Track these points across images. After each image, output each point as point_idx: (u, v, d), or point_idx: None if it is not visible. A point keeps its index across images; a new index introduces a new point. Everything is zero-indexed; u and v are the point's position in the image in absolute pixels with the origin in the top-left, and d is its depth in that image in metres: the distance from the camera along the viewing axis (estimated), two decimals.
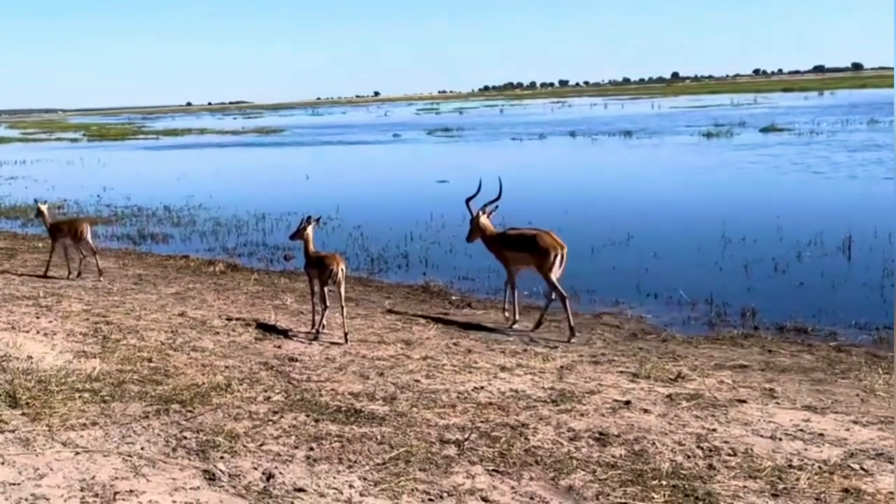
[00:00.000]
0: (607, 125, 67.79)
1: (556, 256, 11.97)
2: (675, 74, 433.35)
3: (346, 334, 11.08)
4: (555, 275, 12.00)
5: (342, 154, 53.06)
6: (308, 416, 7.85)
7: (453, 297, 14.69)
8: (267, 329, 11.60)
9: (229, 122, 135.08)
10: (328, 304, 11.35)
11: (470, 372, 9.52)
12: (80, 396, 8.30)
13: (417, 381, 9.14)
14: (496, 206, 13.23)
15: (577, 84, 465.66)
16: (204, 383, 8.83)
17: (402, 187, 32.94)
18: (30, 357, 9.71)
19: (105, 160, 53.44)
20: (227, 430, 7.39)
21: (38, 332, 11.04)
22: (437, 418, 7.85)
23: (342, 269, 11.31)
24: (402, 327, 12.05)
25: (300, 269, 15.29)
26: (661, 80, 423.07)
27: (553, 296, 12.22)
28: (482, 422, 7.75)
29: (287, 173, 40.23)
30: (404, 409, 8.09)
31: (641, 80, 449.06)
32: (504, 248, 12.76)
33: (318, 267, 11.42)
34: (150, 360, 9.75)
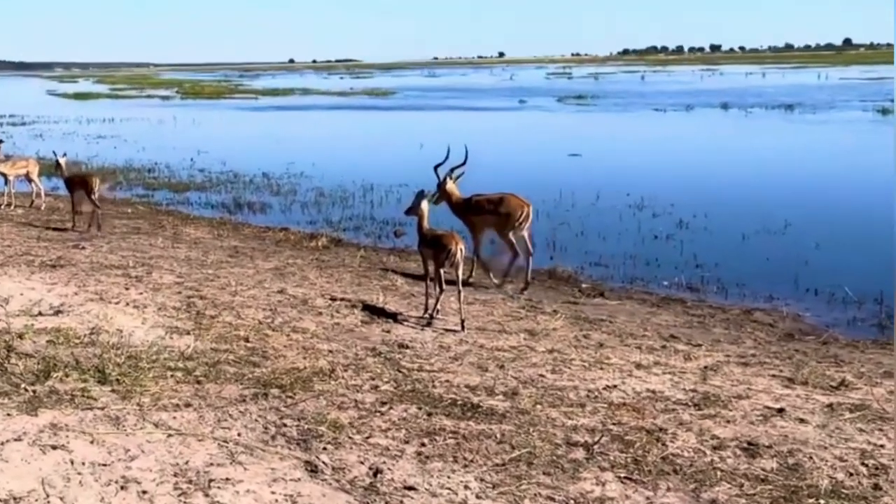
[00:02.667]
0: (765, 97, 66.72)
1: (521, 215, 14.01)
2: (846, 41, 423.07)
3: (462, 321, 11.14)
4: (519, 233, 14.07)
5: (461, 121, 53.18)
6: (420, 408, 7.97)
7: (584, 285, 14.69)
8: (374, 311, 11.75)
9: (335, 82, 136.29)
10: (444, 286, 11.46)
11: (601, 368, 9.55)
12: (172, 375, 8.54)
13: (542, 375, 9.20)
14: (463, 172, 14.66)
15: (731, 49, 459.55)
16: (305, 368, 9.01)
17: (527, 160, 32.90)
18: (119, 331, 10.00)
19: (199, 120, 54.56)
20: (331, 420, 7.54)
21: (127, 305, 11.36)
22: (564, 418, 7.91)
23: (461, 250, 11.39)
24: (525, 316, 12.10)
25: (412, 247, 15.47)
26: (829, 46, 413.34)
27: (515, 254, 14.28)
28: (614, 424, 7.78)
29: (399, 141, 40.46)
30: (527, 406, 8.15)
31: (807, 47, 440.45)
32: (469, 214, 14.58)
33: (434, 247, 11.50)
34: (246, 340, 9.97)
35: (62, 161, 19.20)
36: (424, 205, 11.91)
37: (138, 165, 31.83)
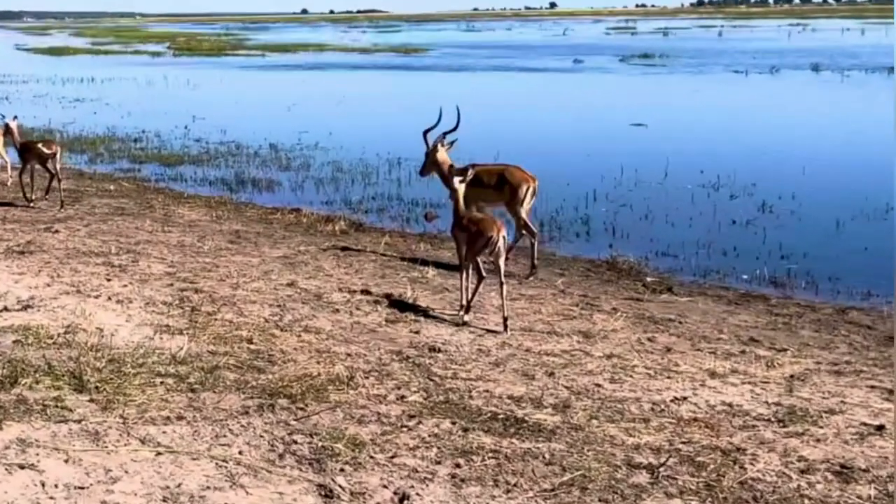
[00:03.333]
0: (864, 58, 66.11)
1: (527, 190, 14.49)
2: None
3: (505, 319, 11.16)
4: (525, 210, 14.46)
5: (505, 84, 53.14)
6: (454, 423, 7.98)
7: (648, 279, 14.67)
8: (401, 308, 11.79)
9: (356, 36, 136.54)
10: (483, 275, 11.47)
11: (669, 377, 9.54)
12: (162, 382, 8.59)
13: (599, 385, 9.20)
14: (455, 138, 14.96)
15: (825, 1, 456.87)
16: (319, 374, 9.04)
17: (583, 131, 32.90)
18: (99, 329, 10.07)
19: (195, 81, 54.69)
20: (350, 436, 7.56)
21: (109, 299, 11.44)
22: (625, 435, 7.90)
23: (503, 237, 11.38)
24: (579, 314, 12.10)
25: (446, 232, 15.46)
26: None
27: (524, 233, 14.68)
28: (684, 443, 7.78)
29: (432, 107, 40.24)
30: (581, 422, 8.16)
31: None
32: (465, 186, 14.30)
33: (471, 232, 11.55)
34: (250, 342, 10.02)
35: (13, 125, 19.38)
36: (457, 182, 11.96)
37: (122, 134, 32.00)
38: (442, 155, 14.90)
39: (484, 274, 11.53)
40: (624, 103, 40.64)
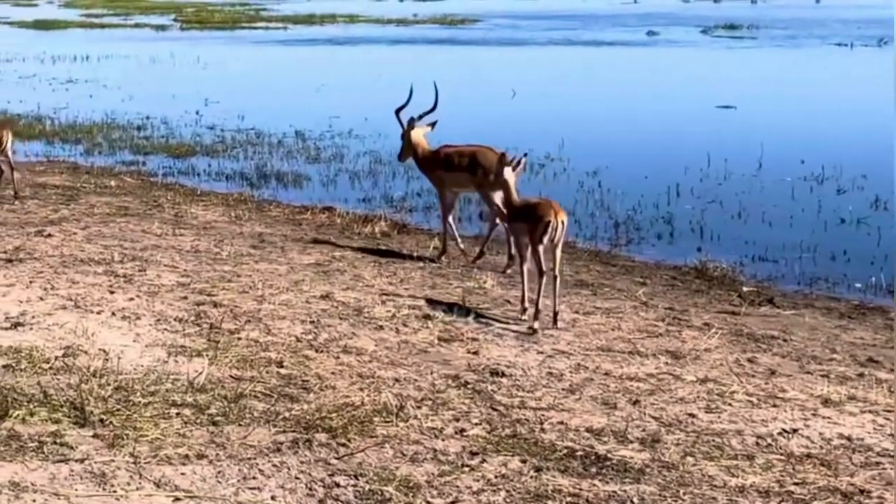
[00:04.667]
0: None
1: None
2: None
3: (556, 314, 11.61)
4: (497, 196, 14.33)
5: (567, 59, 53.03)
6: (524, 461, 7.86)
7: (745, 288, 14.56)
8: (456, 324, 11.70)
9: (393, 6, 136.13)
10: (545, 269, 11.63)
11: (774, 405, 9.42)
12: (178, 414, 8.51)
13: (692, 415, 9.09)
14: (435, 119, 15.99)
15: None
16: (363, 403, 8.94)
17: (661, 115, 32.78)
18: (103, 351, 10.00)
19: (207, 59, 54.65)
20: (401, 478, 7.46)
21: (113, 315, 11.37)
22: (726, 475, 7.79)
23: (563, 222, 11.67)
24: (665, 331, 12.00)
25: (503, 236, 15.39)
26: None
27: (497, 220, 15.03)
28: (796, 484, 7.66)
29: (482, 88, 40.32)
30: (673, 459, 8.04)
31: None
32: (438, 168, 15.75)
33: (528, 219, 11.81)
34: (280, 365, 9.94)
35: None
36: (508, 173, 12.32)
37: (123, 121, 31.91)
38: (416, 136, 15.86)
39: (545, 268, 11.63)
40: (708, 82, 40.61)
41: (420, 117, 15.81)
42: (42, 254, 14.38)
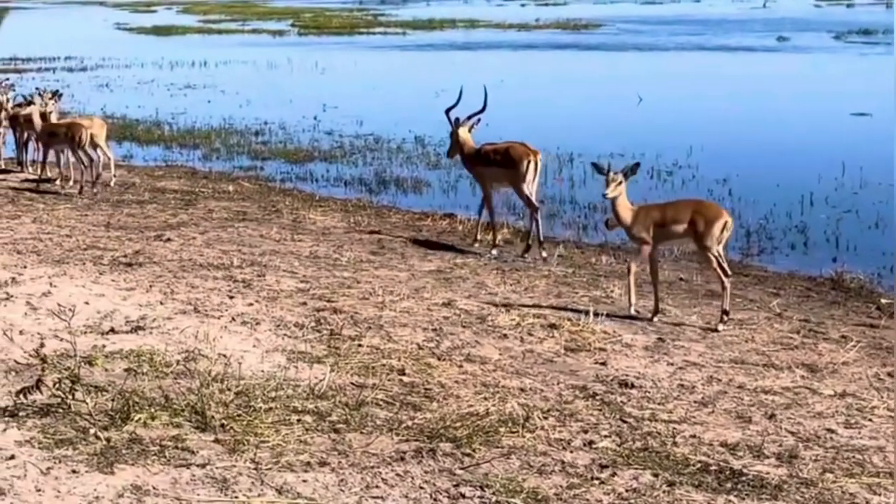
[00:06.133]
0: None
1: (528, 164, 16.30)
2: None
3: (724, 312, 12.13)
4: (528, 186, 16.30)
5: (695, 65, 52.71)
6: (656, 475, 7.77)
7: (884, 300, 14.33)
8: (582, 333, 11.60)
9: (514, 10, 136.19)
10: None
11: None
12: (299, 420, 8.50)
13: (831, 430, 8.94)
14: (479, 119, 17.39)
15: None
16: (488, 413, 8.89)
17: (793, 122, 32.56)
18: (224, 356, 10.04)
19: (324, 64, 54.96)
20: (529, 490, 7.39)
21: (233, 320, 11.43)
22: (868, 493, 7.65)
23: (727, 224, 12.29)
24: (800, 343, 11.85)
25: (626, 242, 15.28)
26: None
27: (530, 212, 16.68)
28: None
29: (608, 94, 40.23)
30: (812, 475, 7.90)
31: None
32: (478, 165, 17.08)
33: (693, 222, 12.24)
34: (402, 373, 9.92)
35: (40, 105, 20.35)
36: (621, 184, 13.07)
37: (241, 126, 32.24)
38: (464, 134, 17.10)
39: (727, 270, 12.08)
40: (841, 89, 40.15)
41: (469, 118, 17.12)
42: (161, 258, 14.52)
